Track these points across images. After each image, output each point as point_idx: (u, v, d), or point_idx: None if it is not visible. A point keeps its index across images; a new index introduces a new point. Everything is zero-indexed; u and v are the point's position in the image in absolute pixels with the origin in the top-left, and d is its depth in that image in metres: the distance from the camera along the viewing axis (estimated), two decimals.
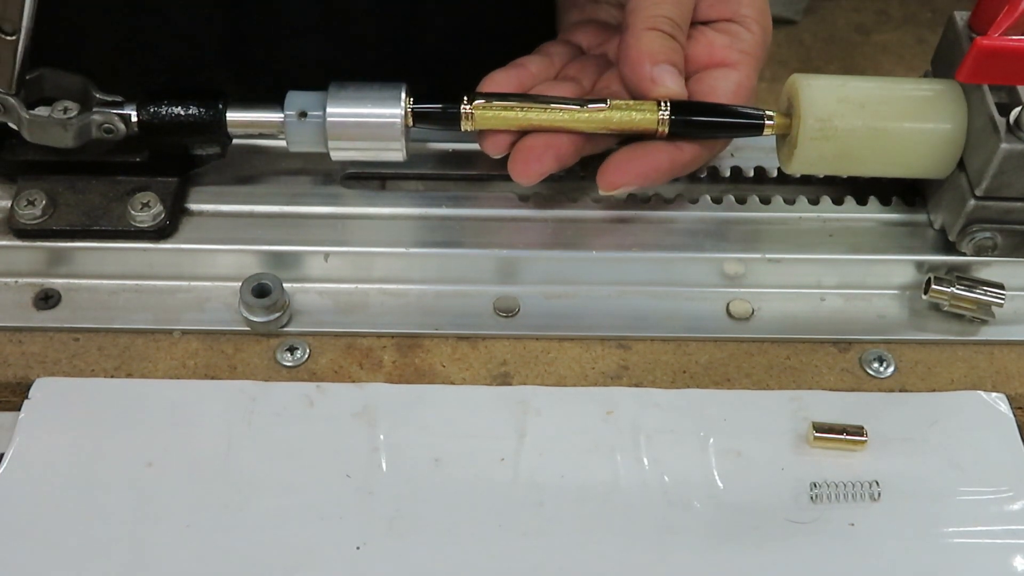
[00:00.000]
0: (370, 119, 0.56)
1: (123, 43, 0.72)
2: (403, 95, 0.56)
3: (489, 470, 0.53)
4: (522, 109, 0.55)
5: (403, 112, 0.56)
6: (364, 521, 0.51)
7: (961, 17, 0.58)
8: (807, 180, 0.63)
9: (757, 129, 0.56)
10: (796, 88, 0.56)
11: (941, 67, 0.59)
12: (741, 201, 0.61)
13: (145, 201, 0.58)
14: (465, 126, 0.56)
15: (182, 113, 0.56)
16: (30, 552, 0.49)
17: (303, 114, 0.56)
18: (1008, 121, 0.54)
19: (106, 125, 0.56)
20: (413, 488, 0.52)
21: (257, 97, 0.57)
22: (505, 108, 0.56)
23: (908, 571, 0.50)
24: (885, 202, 0.61)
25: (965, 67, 0.51)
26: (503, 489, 0.52)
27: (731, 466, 0.53)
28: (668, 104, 0.55)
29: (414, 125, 0.56)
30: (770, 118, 0.56)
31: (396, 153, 0.57)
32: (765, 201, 0.61)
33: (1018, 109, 0.54)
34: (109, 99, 0.57)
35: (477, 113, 0.56)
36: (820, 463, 0.53)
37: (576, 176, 0.62)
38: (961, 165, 0.57)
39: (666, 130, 0.55)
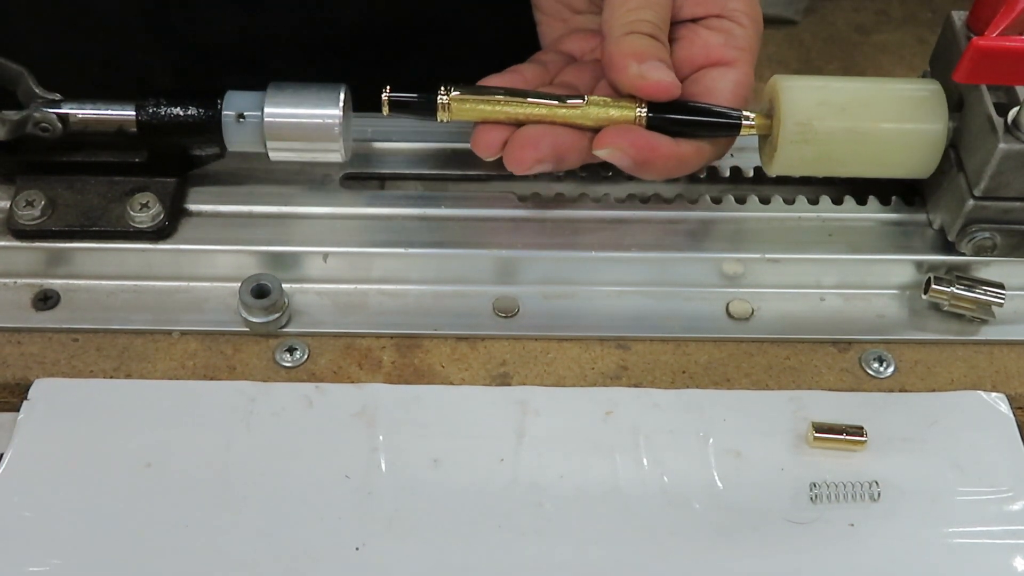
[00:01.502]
0: (307, 120, 0.56)
1: (42, 10, 0.70)
2: (341, 95, 0.56)
3: (488, 471, 0.53)
4: (499, 103, 0.55)
5: (341, 113, 0.56)
6: (363, 522, 0.51)
7: (959, 17, 0.58)
8: (806, 180, 0.63)
9: (734, 129, 0.56)
10: (776, 90, 0.56)
11: (939, 67, 0.59)
12: (740, 201, 0.61)
13: (144, 202, 0.58)
14: (441, 116, 0.56)
15: (181, 113, 0.56)
16: (29, 552, 0.49)
17: (240, 115, 0.56)
18: (1006, 121, 0.54)
19: (43, 124, 0.56)
20: (412, 489, 0.52)
21: (181, 71, 0.56)
22: (482, 101, 0.55)
23: (908, 571, 0.50)
24: (884, 202, 0.61)
25: (962, 67, 0.51)
26: (502, 490, 0.52)
27: (731, 466, 0.53)
28: (645, 103, 0.55)
29: (390, 114, 0.56)
30: (748, 118, 0.55)
31: (334, 154, 0.57)
32: (764, 201, 0.61)
33: (1016, 109, 0.54)
34: (48, 97, 0.56)
35: (454, 104, 0.55)
36: (820, 463, 0.53)
37: (576, 176, 0.62)
38: (960, 165, 0.57)
39: (643, 127, 0.55)
